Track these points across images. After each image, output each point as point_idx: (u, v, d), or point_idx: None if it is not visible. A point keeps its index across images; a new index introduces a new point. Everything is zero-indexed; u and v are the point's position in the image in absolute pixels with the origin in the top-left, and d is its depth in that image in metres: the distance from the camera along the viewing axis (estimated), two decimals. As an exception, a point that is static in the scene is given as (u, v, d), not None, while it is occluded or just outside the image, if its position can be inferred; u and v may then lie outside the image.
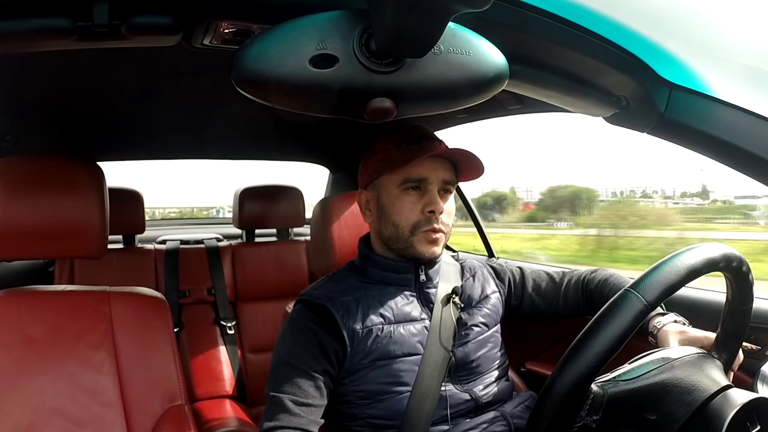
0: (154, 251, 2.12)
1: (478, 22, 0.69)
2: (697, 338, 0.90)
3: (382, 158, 1.06)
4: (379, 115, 0.66)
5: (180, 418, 1.09)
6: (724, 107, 0.79)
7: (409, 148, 1.02)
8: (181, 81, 1.36)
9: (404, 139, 1.04)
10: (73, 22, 0.62)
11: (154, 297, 1.20)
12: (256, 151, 2.35)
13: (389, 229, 1.05)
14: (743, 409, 0.68)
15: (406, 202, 1.03)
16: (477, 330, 1.08)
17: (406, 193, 1.03)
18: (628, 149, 17.29)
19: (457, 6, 0.56)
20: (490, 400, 1.04)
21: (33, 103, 1.48)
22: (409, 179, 1.03)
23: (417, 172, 1.02)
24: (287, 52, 0.59)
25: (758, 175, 0.79)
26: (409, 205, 1.03)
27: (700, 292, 1.24)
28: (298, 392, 0.94)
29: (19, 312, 1.10)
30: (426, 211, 1.02)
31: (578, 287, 1.18)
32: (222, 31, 0.69)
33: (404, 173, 1.03)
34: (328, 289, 1.05)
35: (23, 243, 1.08)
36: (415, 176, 1.02)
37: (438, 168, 1.04)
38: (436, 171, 1.03)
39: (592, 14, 0.77)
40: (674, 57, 0.82)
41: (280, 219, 2.28)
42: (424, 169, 1.02)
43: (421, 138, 1.04)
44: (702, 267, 0.71)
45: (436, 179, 1.03)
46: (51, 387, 1.07)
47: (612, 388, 0.73)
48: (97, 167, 1.15)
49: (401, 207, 1.03)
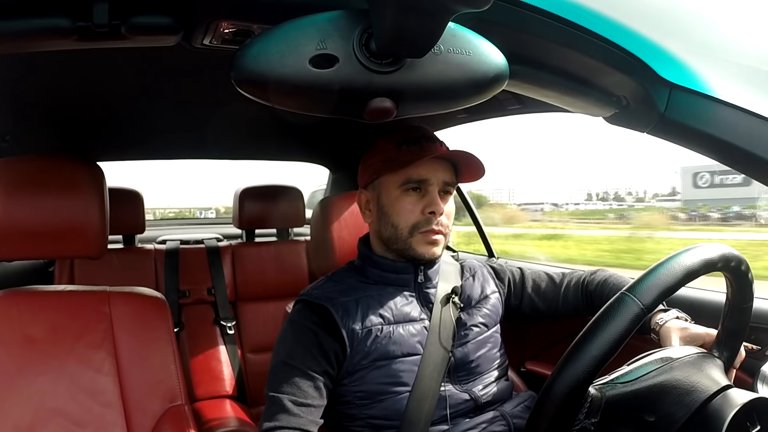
0: (154, 251, 2.12)
1: (478, 22, 0.69)
2: (699, 335, 0.90)
3: (382, 158, 1.05)
4: (379, 115, 0.66)
5: (180, 418, 1.09)
6: (724, 107, 0.79)
7: (410, 149, 1.02)
8: (181, 81, 1.35)
9: (405, 140, 1.04)
10: (73, 22, 0.62)
11: (154, 297, 1.20)
12: (256, 151, 2.35)
13: (389, 229, 1.05)
14: (743, 409, 0.67)
15: (406, 203, 1.03)
16: (476, 330, 1.08)
17: (406, 194, 1.03)
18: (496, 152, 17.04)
19: (457, 6, 0.55)
20: (490, 400, 1.04)
21: (33, 103, 1.48)
22: (410, 180, 1.02)
23: (418, 173, 1.02)
24: (287, 52, 0.59)
25: (758, 175, 0.79)
26: (409, 206, 1.03)
27: (701, 292, 1.24)
28: (297, 392, 0.94)
29: (19, 312, 1.10)
30: (426, 212, 1.02)
31: (578, 288, 1.17)
32: (222, 31, 0.68)
33: (405, 174, 1.03)
34: (328, 290, 1.05)
35: (23, 243, 1.08)
36: (416, 177, 1.02)
37: (438, 169, 1.03)
38: (437, 172, 1.03)
39: (592, 14, 0.77)
40: (674, 57, 0.81)
41: (280, 219, 2.28)
42: (424, 170, 1.02)
43: (421, 139, 1.03)
44: (700, 268, 0.71)
45: (437, 180, 1.03)
46: (51, 387, 1.07)
47: (610, 390, 0.73)
48: (97, 167, 1.15)
49: (401, 208, 1.03)
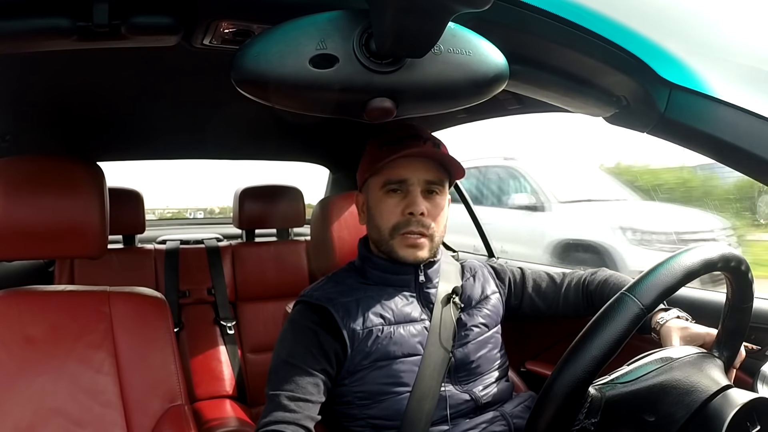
0: (154, 251, 2.12)
1: (478, 22, 0.69)
2: (699, 334, 0.90)
3: (368, 160, 1.05)
4: (379, 115, 0.66)
5: (180, 418, 1.09)
6: (724, 107, 0.79)
7: (390, 149, 1.00)
8: (181, 81, 1.35)
9: (387, 141, 1.02)
10: (73, 22, 0.62)
11: (154, 297, 1.20)
12: (256, 151, 2.34)
13: (375, 231, 1.05)
14: (743, 409, 0.67)
15: (389, 204, 1.02)
16: (477, 331, 1.07)
17: (388, 195, 1.02)
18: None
19: (457, 6, 0.55)
20: (490, 400, 1.04)
21: (33, 103, 1.48)
22: (389, 181, 1.01)
23: (397, 173, 1.01)
24: (287, 52, 0.59)
25: (758, 175, 0.79)
26: (390, 207, 1.02)
27: (701, 292, 1.24)
28: (295, 389, 0.93)
29: (19, 312, 1.10)
30: (406, 212, 1.00)
31: (578, 288, 1.17)
32: (222, 31, 0.69)
33: (386, 175, 1.02)
34: (328, 290, 1.05)
35: (23, 243, 1.08)
36: (395, 177, 1.01)
37: (419, 168, 1.01)
38: (417, 171, 1.01)
39: (592, 14, 0.77)
40: (674, 57, 0.81)
41: (280, 219, 2.28)
42: (404, 170, 1.01)
43: (404, 138, 1.01)
44: (700, 268, 0.71)
45: (417, 180, 1.01)
46: (51, 387, 1.07)
47: (610, 390, 0.73)
48: (97, 167, 1.15)
49: (383, 209, 1.02)
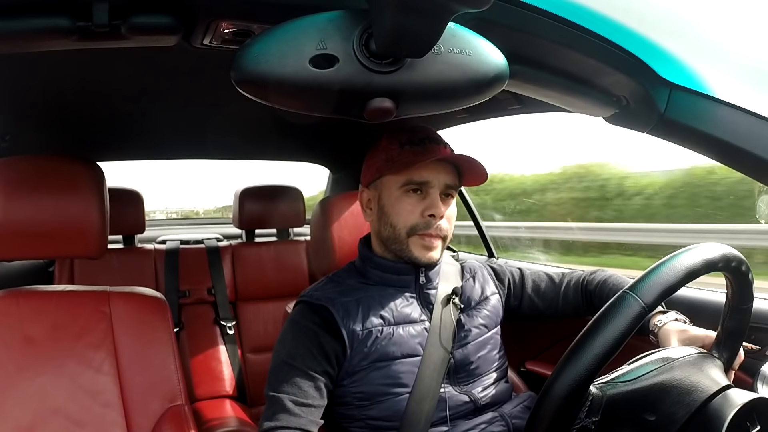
0: (154, 251, 2.12)
1: (478, 22, 0.69)
2: (698, 337, 0.90)
3: (385, 158, 1.05)
4: (379, 115, 0.66)
5: (180, 418, 1.09)
6: (724, 107, 0.79)
7: (413, 150, 1.01)
8: (181, 81, 1.35)
9: (408, 140, 1.02)
10: (73, 22, 0.62)
11: (154, 297, 1.20)
12: (256, 151, 2.34)
13: (387, 229, 1.04)
14: (743, 409, 0.67)
15: (407, 203, 1.02)
16: (476, 332, 1.07)
17: (406, 195, 1.02)
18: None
19: (457, 6, 0.55)
20: (489, 401, 1.04)
21: (33, 103, 1.48)
22: (411, 181, 1.02)
23: (420, 174, 1.01)
24: (287, 52, 0.59)
25: (758, 175, 0.79)
26: (409, 207, 1.02)
27: (701, 292, 1.24)
28: (297, 392, 0.93)
29: (19, 312, 1.10)
30: (426, 214, 1.01)
31: (578, 288, 1.17)
32: (222, 31, 0.69)
33: (407, 175, 1.02)
34: (329, 291, 1.05)
35: (23, 243, 1.08)
36: (418, 179, 1.01)
37: (441, 172, 1.02)
38: (439, 175, 1.02)
39: (592, 14, 0.77)
40: (674, 57, 0.82)
41: (280, 219, 2.28)
42: (427, 172, 1.01)
43: (425, 140, 1.02)
44: (700, 268, 0.70)
45: (438, 183, 1.02)
46: (51, 387, 1.07)
47: (611, 389, 0.73)
48: (97, 167, 1.15)
49: (401, 208, 1.02)
